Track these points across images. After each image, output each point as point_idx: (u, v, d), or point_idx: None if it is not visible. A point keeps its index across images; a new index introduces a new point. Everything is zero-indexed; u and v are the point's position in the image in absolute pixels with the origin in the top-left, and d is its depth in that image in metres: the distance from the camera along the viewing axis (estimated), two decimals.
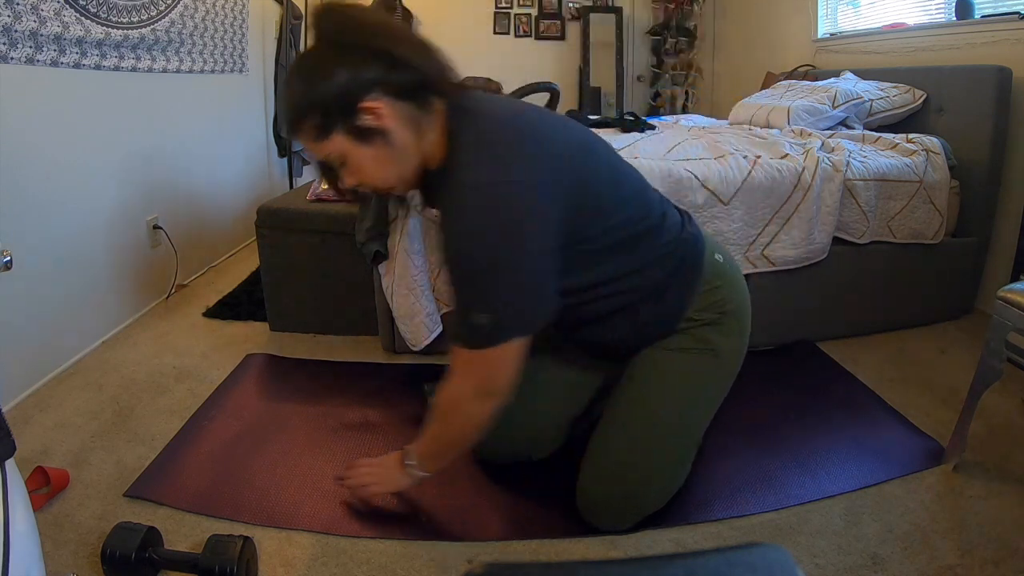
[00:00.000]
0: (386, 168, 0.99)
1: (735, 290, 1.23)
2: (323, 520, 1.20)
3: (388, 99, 0.93)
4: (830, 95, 2.48)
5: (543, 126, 1.01)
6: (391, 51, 0.92)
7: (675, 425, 1.18)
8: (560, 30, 4.55)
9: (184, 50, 2.39)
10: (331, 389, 1.69)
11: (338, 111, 0.92)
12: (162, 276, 2.32)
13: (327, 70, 0.92)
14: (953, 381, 1.72)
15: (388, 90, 0.93)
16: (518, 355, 1.01)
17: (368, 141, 0.95)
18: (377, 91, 0.92)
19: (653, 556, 1.10)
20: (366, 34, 0.93)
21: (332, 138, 0.95)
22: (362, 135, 0.94)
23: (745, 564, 0.41)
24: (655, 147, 1.95)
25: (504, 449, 1.33)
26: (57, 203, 1.78)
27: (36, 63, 1.64)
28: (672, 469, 1.21)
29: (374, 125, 0.93)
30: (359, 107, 0.92)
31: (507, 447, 1.33)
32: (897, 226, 1.99)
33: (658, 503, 1.21)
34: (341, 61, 0.91)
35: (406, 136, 0.96)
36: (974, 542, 1.15)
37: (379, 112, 0.93)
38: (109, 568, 1.01)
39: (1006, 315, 1.24)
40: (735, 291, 1.23)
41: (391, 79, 0.92)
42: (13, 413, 1.54)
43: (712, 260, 1.21)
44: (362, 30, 0.93)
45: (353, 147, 0.96)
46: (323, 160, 1.00)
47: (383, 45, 0.92)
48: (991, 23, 2.24)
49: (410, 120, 0.96)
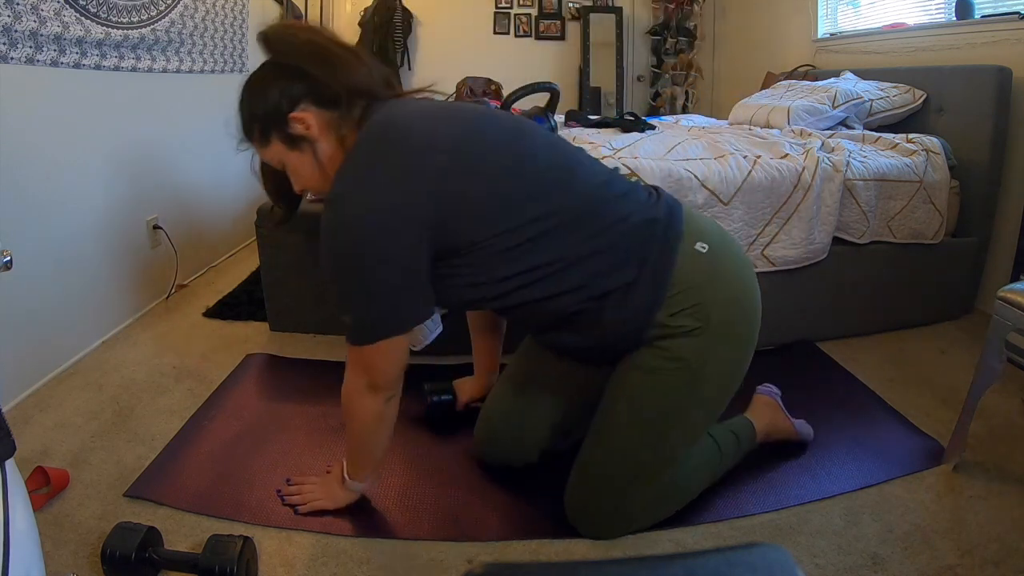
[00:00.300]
0: (315, 172, 1.08)
1: (723, 289, 1.09)
2: (323, 520, 1.20)
3: (315, 110, 1.05)
4: (830, 95, 2.48)
5: (430, 138, 1.01)
6: (318, 66, 1.03)
7: (646, 449, 1.13)
8: (560, 30, 4.55)
9: (184, 50, 2.39)
10: (331, 389, 1.67)
11: (273, 122, 1.05)
12: (162, 276, 2.32)
13: (264, 86, 1.05)
14: (953, 381, 1.72)
15: (314, 102, 1.04)
16: (393, 352, 1.06)
17: (299, 147, 1.06)
18: (305, 103, 1.04)
19: (653, 556, 1.10)
20: (297, 53, 1.04)
21: (272, 145, 1.07)
22: (294, 142, 1.06)
23: (745, 564, 0.41)
24: (655, 147, 1.96)
25: (492, 449, 1.34)
26: (57, 203, 1.78)
27: (36, 63, 1.64)
28: (650, 488, 1.16)
29: (303, 133, 1.05)
30: (289, 117, 1.04)
31: (494, 447, 1.34)
32: (897, 226, 1.99)
33: (645, 519, 1.18)
34: (276, 78, 1.05)
35: (330, 143, 1.06)
36: (974, 542, 1.15)
37: (306, 121, 1.04)
38: (109, 568, 1.01)
39: (1006, 315, 1.24)
40: (723, 290, 1.08)
41: (316, 92, 1.04)
42: (13, 413, 1.54)
43: (691, 252, 1.07)
44: (294, 49, 1.04)
45: (287, 153, 1.07)
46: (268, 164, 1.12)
47: (311, 61, 1.03)
48: (991, 23, 2.24)
49: (334, 128, 1.06)
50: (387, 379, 1.09)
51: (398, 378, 1.10)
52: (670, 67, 4.43)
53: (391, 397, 1.11)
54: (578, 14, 4.46)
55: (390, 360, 1.07)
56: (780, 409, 1.43)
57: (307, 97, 1.03)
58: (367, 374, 1.07)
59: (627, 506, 1.16)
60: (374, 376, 1.07)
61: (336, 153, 1.06)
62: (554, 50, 4.58)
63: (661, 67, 4.48)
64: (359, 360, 1.08)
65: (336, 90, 1.03)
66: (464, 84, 4.03)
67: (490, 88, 4.08)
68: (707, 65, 4.46)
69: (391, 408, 1.13)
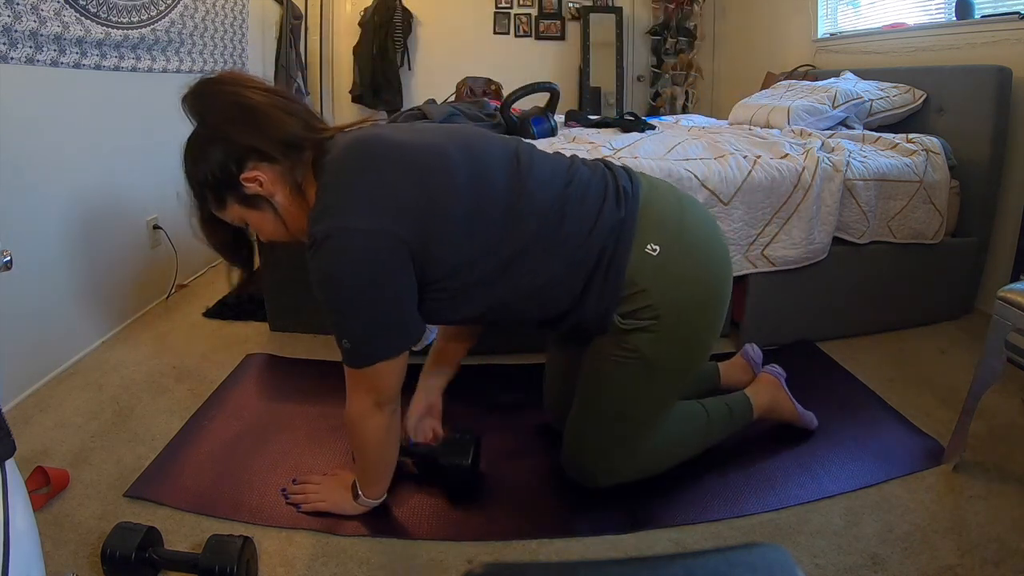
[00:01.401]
0: (280, 225, 1.07)
1: (674, 290, 1.09)
2: (323, 520, 1.20)
3: (264, 165, 1.01)
4: (830, 95, 2.48)
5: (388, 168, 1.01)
6: (248, 127, 1.00)
7: (619, 423, 1.20)
8: (560, 30, 4.55)
9: (184, 50, 2.39)
10: (331, 389, 1.68)
11: (226, 186, 1.02)
12: (162, 276, 2.32)
13: (204, 152, 1.02)
14: (953, 381, 1.72)
15: (262, 157, 1.01)
16: (393, 371, 1.06)
17: (257, 206, 1.05)
18: (252, 160, 1.01)
19: (653, 556, 1.10)
20: (224, 117, 1.01)
21: (229, 208, 1.05)
22: (251, 202, 1.04)
23: (745, 564, 0.41)
24: (655, 147, 1.95)
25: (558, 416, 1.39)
26: (57, 203, 1.78)
27: (36, 63, 1.64)
28: (634, 450, 1.22)
29: (259, 192, 1.03)
30: (241, 179, 1.01)
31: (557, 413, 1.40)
32: (897, 226, 1.99)
33: (631, 473, 1.25)
34: (214, 142, 1.01)
35: (287, 195, 1.04)
36: (974, 542, 1.15)
37: (259, 179, 1.01)
38: (109, 568, 1.01)
39: (1006, 315, 1.24)
40: (673, 291, 1.09)
41: (260, 148, 1.00)
42: (13, 413, 1.54)
43: (642, 254, 1.08)
44: (220, 112, 1.01)
45: (248, 212, 1.06)
46: (208, 221, 1.10)
47: (239, 124, 1.00)
48: (991, 23, 2.24)
49: (289, 179, 1.03)
50: (391, 394, 1.09)
51: (399, 390, 1.11)
52: (670, 67, 4.43)
53: (395, 409, 1.13)
54: (578, 14, 4.46)
55: (393, 376, 1.07)
56: (783, 389, 1.46)
57: (251, 156, 1.01)
58: (371, 394, 1.07)
59: (612, 463, 1.23)
60: (379, 393, 1.08)
61: (296, 200, 1.04)
62: (554, 50, 4.58)
63: (661, 67, 4.47)
64: (361, 382, 1.07)
65: (280, 142, 1.01)
66: (464, 84, 4.03)
67: (490, 88, 4.08)
68: (707, 65, 4.46)
69: (396, 418, 1.14)
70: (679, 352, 1.15)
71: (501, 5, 4.52)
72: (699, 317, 1.14)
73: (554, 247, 1.06)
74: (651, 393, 1.18)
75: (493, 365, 1.81)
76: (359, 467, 1.20)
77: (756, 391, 1.44)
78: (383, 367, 1.04)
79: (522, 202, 1.05)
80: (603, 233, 1.07)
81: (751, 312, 1.92)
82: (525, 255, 1.05)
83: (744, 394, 1.43)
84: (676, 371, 1.18)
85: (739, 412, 1.39)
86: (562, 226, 1.06)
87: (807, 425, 1.48)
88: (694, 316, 1.13)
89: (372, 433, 1.12)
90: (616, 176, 1.14)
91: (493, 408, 1.60)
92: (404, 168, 1.01)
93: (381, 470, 1.20)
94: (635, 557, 1.10)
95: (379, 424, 1.11)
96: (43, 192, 1.72)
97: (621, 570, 0.41)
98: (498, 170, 1.07)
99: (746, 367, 1.60)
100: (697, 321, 1.14)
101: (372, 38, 4.22)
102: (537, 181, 1.07)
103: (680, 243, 1.11)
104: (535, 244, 1.05)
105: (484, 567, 0.40)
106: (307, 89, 3.92)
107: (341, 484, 1.24)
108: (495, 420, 1.53)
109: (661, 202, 1.14)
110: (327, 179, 1.01)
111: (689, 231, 1.13)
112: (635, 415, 1.20)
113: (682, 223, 1.13)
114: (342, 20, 4.39)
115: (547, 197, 1.06)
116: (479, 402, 1.61)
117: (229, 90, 1.03)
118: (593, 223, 1.07)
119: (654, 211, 1.11)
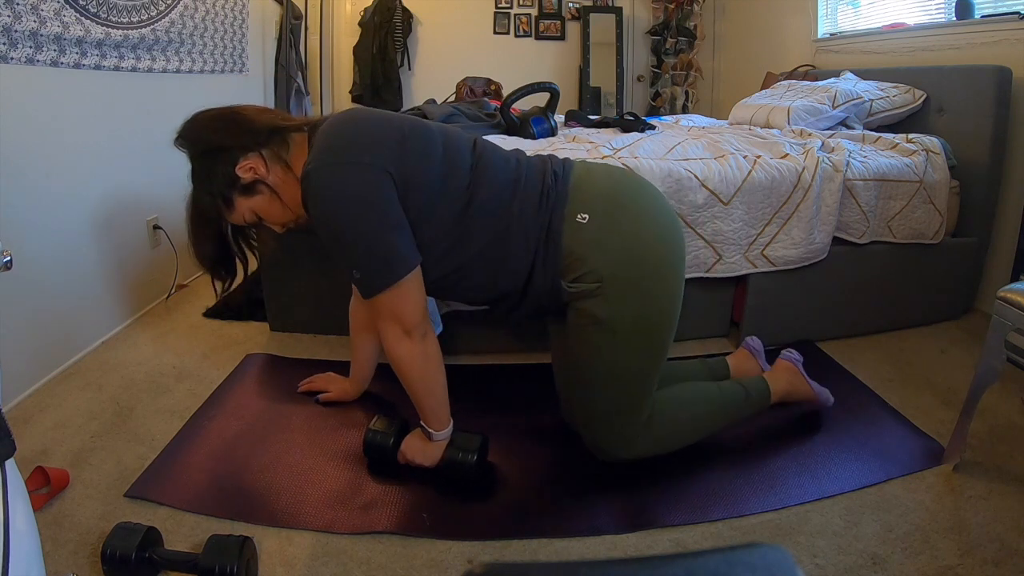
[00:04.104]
0: (279, 205, 1.22)
1: (608, 252, 1.17)
2: (323, 520, 1.20)
3: (252, 155, 1.18)
4: (830, 95, 2.48)
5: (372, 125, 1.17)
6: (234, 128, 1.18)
7: (608, 389, 1.24)
8: (560, 30, 4.55)
9: (184, 50, 2.39)
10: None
11: (228, 186, 1.18)
12: (162, 276, 2.32)
13: (207, 170, 1.19)
14: (953, 381, 1.72)
15: (249, 148, 1.17)
16: (410, 293, 1.16)
17: (258, 191, 1.20)
18: (242, 153, 1.17)
19: (653, 556, 1.09)
20: (211, 132, 1.18)
21: (236, 205, 1.21)
22: (251, 190, 1.19)
23: (745, 564, 0.41)
24: (655, 147, 1.95)
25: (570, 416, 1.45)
26: (57, 203, 1.78)
27: (36, 63, 1.64)
28: (638, 418, 1.26)
29: (255, 177, 1.18)
30: (236, 174, 1.17)
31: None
32: (897, 226, 1.99)
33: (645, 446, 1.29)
34: (208, 155, 1.18)
35: (278, 173, 1.20)
36: (974, 542, 1.15)
37: (252, 167, 1.17)
38: (109, 568, 1.01)
39: (1006, 315, 1.24)
40: (607, 255, 1.17)
41: (246, 145, 1.17)
42: (13, 413, 1.54)
43: (573, 225, 1.18)
44: (206, 131, 1.19)
45: (251, 201, 1.21)
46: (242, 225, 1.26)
47: (226, 129, 1.18)
48: (991, 23, 2.24)
49: (278, 159, 1.19)
50: (414, 319, 1.18)
51: (424, 316, 1.20)
52: (670, 67, 4.43)
53: (424, 334, 1.20)
54: (578, 14, 4.46)
55: (410, 300, 1.16)
56: (800, 374, 1.53)
57: (241, 151, 1.17)
58: (396, 322, 1.17)
59: (624, 432, 1.28)
60: (403, 319, 1.17)
61: (287, 176, 1.19)
62: (554, 50, 4.58)
63: (661, 67, 4.47)
64: (382, 311, 1.17)
65: (259, 132, 1.17)
66: (464, 84, 4.03)
67: (490, 88, 4.08)
68: (707, 65, 4.46)
69: (430, 345, 1.23)
70: (633, 311, 1.20)
71: (501, 5, 4.52)
72: (641, 275, 1.19)
73: (508, 225, 1.19)
74: (623, 354, 1.22)
75: (501, 365, 1.81)
76: (417, 405, 1.28)
77: (774, 377, 1.49)
78: (395, 294, 1.14)
79: (483, 181, 1.19)
80: (546, 209, 1.19)
81: (751, 312, 1.92)
82: (485, 229, 1.19)
83: (762, 378, 1.47)
84: (638, 331, 1.21)
85: (756, 395, 1.43)
86: (512, 205, 1.19)
87: (824, 403, 1.53)
88: (635, 274, 1.19)
89: (408, 362, 1.21)
90: (552, 163, 1.27)
91: (498, 408, 1.60)
92: (388, 127, 1.16)
93: (433, 399, 1.26)
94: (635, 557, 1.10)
95: (411, 351, 1.20)
96: (43, 192, 1.72)
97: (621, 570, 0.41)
98: (465, 151, 1.22)
99: (749, 356, 1.64)
100: (640, 280, 1.19)
101: (372, 38, 4.23)
102: (494, 168, 1.22)
103: (609, 211, 1.20)
104: (494, 222, 1.19)
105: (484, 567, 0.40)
106: (307, 89, 3.92)
107: (414, 436, 1.32)
108: (499, 420, 1.53)
109: (591, 180, 1.25)
110: (316, 141, 1.15)
111: (619, 201, 1.22)
112: (620, 376, 1.23)
113: (613, 196, 1.23)
114: (342, 20, 4.39)
115: (501, 180, 1.21)
116: (485, 401, 1.61)
117: (204, 114, 1.22)
118: (537, 201, 1.20)
119: (585, 187, 1.23)
